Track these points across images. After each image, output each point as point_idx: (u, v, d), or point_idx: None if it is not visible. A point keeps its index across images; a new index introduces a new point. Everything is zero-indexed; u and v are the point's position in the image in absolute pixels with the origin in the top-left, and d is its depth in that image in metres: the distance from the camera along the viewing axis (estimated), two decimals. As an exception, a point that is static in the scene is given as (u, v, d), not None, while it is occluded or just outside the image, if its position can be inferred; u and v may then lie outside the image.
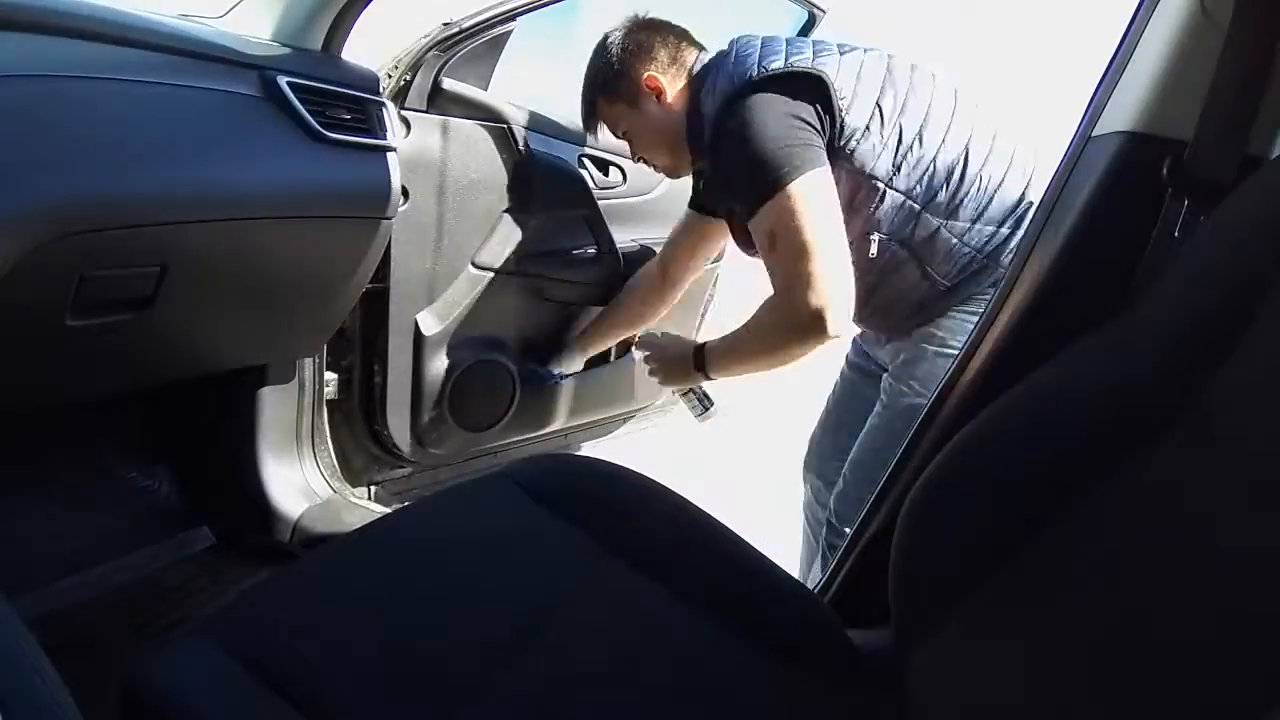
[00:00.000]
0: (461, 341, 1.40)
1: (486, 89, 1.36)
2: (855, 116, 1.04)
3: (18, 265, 0.72)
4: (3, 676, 0.36)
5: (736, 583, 0.78)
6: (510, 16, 1.21)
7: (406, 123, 1.20)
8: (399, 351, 1.34)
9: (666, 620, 0.73)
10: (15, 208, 0.72)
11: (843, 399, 1.39)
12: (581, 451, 1.82)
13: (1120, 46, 0.73)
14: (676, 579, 0.76)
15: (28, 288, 0.76)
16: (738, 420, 1.59)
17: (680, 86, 1.18)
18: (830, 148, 1.04)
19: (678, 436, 2.01)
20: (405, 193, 1.20)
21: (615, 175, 1.58)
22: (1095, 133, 0.74)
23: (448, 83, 1.25)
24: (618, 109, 1.22)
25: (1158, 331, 0.61)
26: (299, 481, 1.32)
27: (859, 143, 1.04)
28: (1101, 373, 0.64)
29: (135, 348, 0.99)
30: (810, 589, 0.93)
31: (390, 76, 1.18)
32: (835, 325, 1.01)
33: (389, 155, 1.09)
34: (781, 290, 1.05)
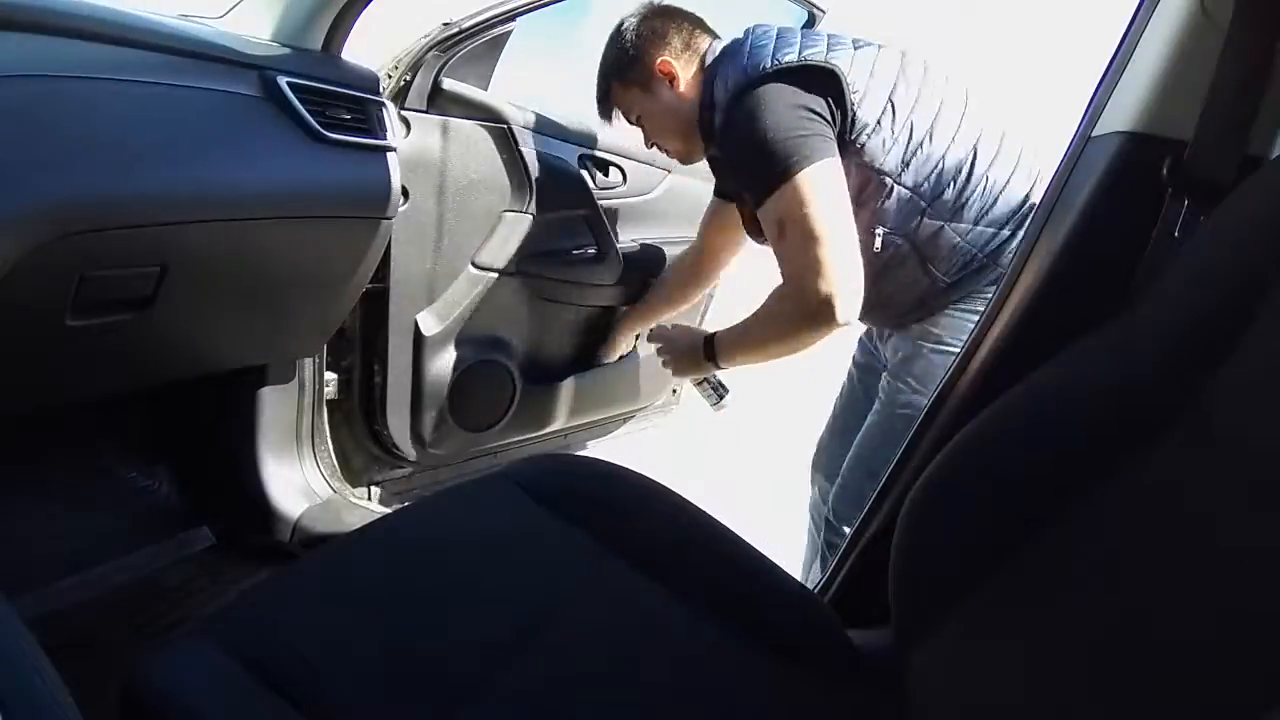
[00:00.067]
0: (461, 341, 1.40)
1: (486, 89, 1.36)
2: (867, 111, 1.05)
3: (18, 265, 0.72)
4: (3, 676, 0.36)
5: (736, 583, 0.78)
6: (510, 16, 1.21)
7: (406, 123, 1.20)
8: (399, 351, 1.34)
9: (666, 620, 0.73)
10: (15, 208, 0.72)
11: (850, 400, 1.39)
12: (582, 451, 1.82)
13: (1120, 46, 0.73)
14: (676, 579, 0.76)
15: (28, 288, 0.76)
16: (738, 420, 1.59)
17: (693, 73, 1.19)
18: (840, 141, 1.05)
19: (678, 437, 2.02)
20: (405, 193, 1.20)
21: (615, 175, 1.58)
22: (1095, 133, 0.74)
23: (448, 83, 1.25)
24: (631, 94, 1.23)
25: (1158, 331, 0.61)
26: (299, 481, 1.32)
27: (869, 137, 1.05)
28: (1101, 373, 0.64)
29: (135, 348, 0.99)
30: (810, 589, 0.93)
31: (390, 76, 1.18)
32: (844, 313, 1.02)
33: (389, 155, 1.09)
34: (791, 278, 1.06)
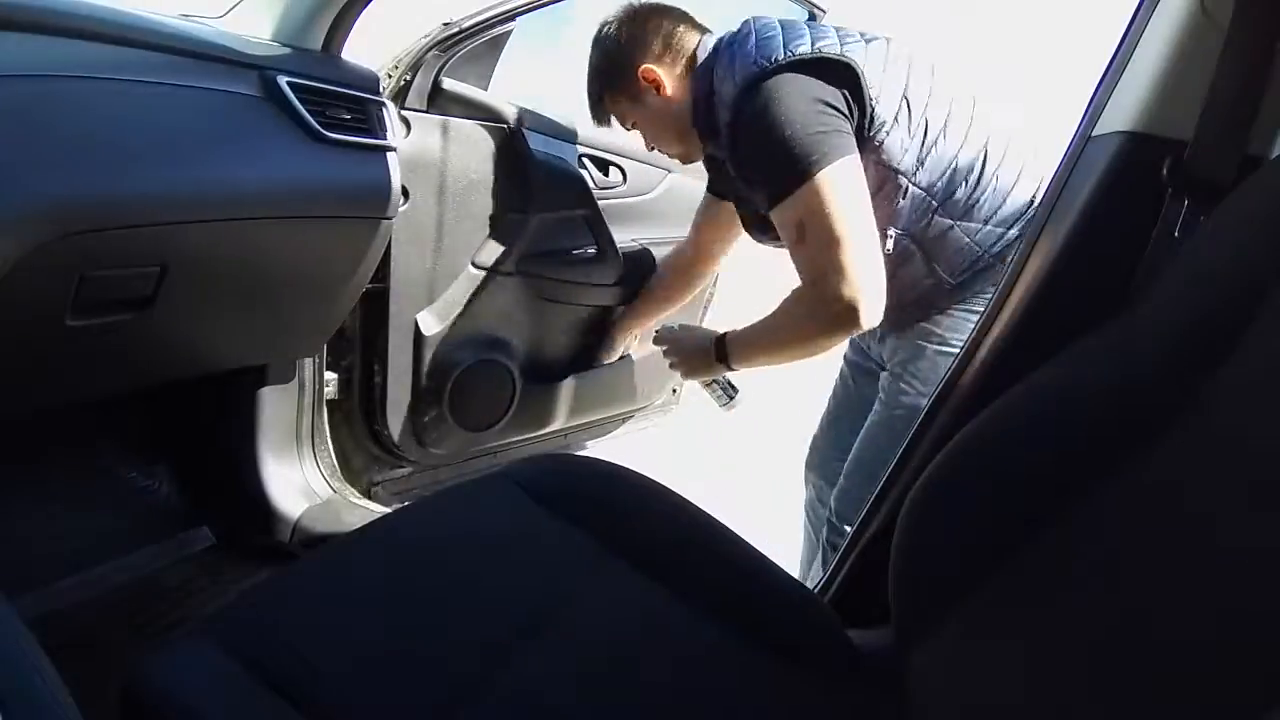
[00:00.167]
0: (461, 341, 1.39)
1: (486, 89, 1.36)
2: (885, 107, 1.02)
3: (18, 265, 0.72)
4: (3, 676, 0.36)
5: (736, 583, 0.78)
6: (510, 16, 1.21)
7: (406, 123, 1.20)
8: (399, 351, 1.34)
9: (666, 620, 0.73)
10: (16, 208, 0.72)
11: (843, 398, 1.38)
12: (582, 451, 1.82)
13: (1120, 46, 0.73)
14: (676, 579, 0.76)
15: (28, 288, 0.76)
16: (738, 420, 1.59)
17: (679, 73, 1.16)
18: (859, 138, 1.02)
19: (678, 437, 2.02)
20: (405, 193, 1.20)
21: (615, 175, 1.58)
22: (1095, 133, 0.74)
23: (448, 83, 1.25)
24: (620, 104, 1.21)
25: (1158, 331, 0.61)
26: (299, 481, 1.32)
27: (887, 134, 1.02)
28: (1101, 373, 0.64)
29: (135, 348, 0.99)
30: (810, 589, 0.93)
31: (390, 76, 1.17)
32: (868, 316, 1.00)
33: (389, 155, 1.09)
34: (811, 280, 1.03)
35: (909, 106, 1.03)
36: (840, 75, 1.00)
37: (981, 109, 1.10)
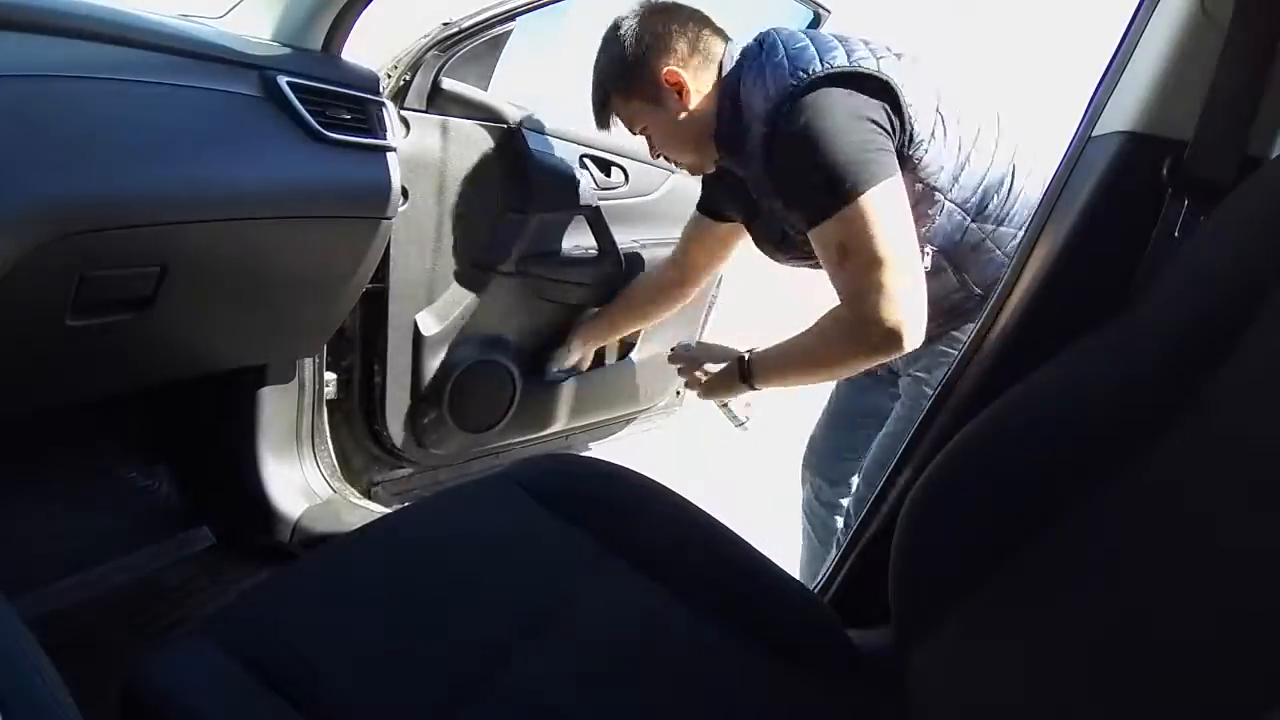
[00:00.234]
0: (461, 341, 1.39)
1: (486, 89, 1.36)
2: (922, 124, 0.99)
3: (18, 265, 0.72)
4: (3, 676, 0.36)
5: (736, 583, 0.78)
6: (510, 16, 1.20)
7: (406, 123, 1.20)
8: (399, 352, 1.34)
9: (666, 620, 0.73)
10: (16, 208, 0.72)
11: (844, 399, 1.38)
12: (583, 452, 1.82)
13: (1120, 46, 0.73)
14: (676, 579, 0.76)
15: (28, 288, 0.76)
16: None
17: (706, 80, 1.09)
18: (899, 154, 0.99)
19: (679, 437, 2.02)
20: (405, 193, 1.20)
21: (616, 175, 1.58)
22: (1095, 133, 0.74)
23: (448, 83, 1.25)
24: (634, 106, 1.12)
25: (1158, 331, 0.61)
26: (299, 481, 1.32)
27: (925, 151, 1.00)
28: (1101, 373, 0.64)
29: (135, 348, 0.99)
30: (810, 589, 0.93)
31: (390, 76, 1.17)
32: (911, 340, 0.97)
33: (389, 155, 1.09)
34: (852, 302, 0.99)
35: (943, 122, 1.01)
36: (878, 90, 0.97)
37: (1006, 123, 1.08)
